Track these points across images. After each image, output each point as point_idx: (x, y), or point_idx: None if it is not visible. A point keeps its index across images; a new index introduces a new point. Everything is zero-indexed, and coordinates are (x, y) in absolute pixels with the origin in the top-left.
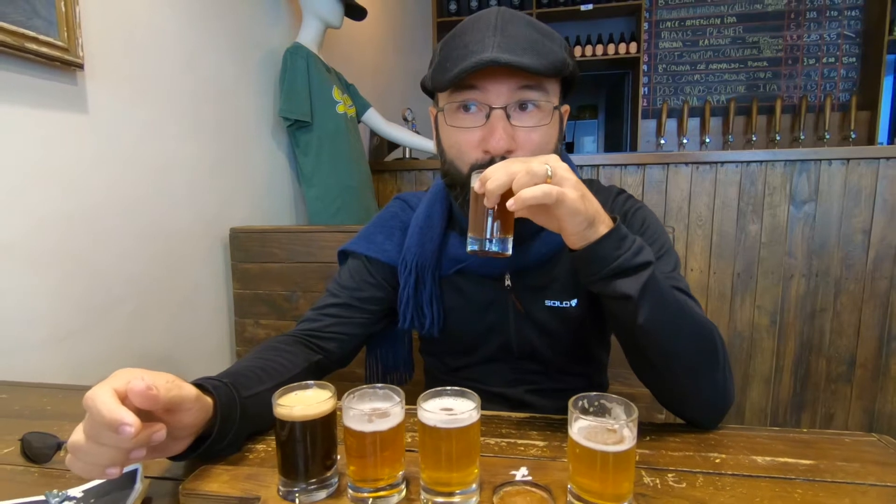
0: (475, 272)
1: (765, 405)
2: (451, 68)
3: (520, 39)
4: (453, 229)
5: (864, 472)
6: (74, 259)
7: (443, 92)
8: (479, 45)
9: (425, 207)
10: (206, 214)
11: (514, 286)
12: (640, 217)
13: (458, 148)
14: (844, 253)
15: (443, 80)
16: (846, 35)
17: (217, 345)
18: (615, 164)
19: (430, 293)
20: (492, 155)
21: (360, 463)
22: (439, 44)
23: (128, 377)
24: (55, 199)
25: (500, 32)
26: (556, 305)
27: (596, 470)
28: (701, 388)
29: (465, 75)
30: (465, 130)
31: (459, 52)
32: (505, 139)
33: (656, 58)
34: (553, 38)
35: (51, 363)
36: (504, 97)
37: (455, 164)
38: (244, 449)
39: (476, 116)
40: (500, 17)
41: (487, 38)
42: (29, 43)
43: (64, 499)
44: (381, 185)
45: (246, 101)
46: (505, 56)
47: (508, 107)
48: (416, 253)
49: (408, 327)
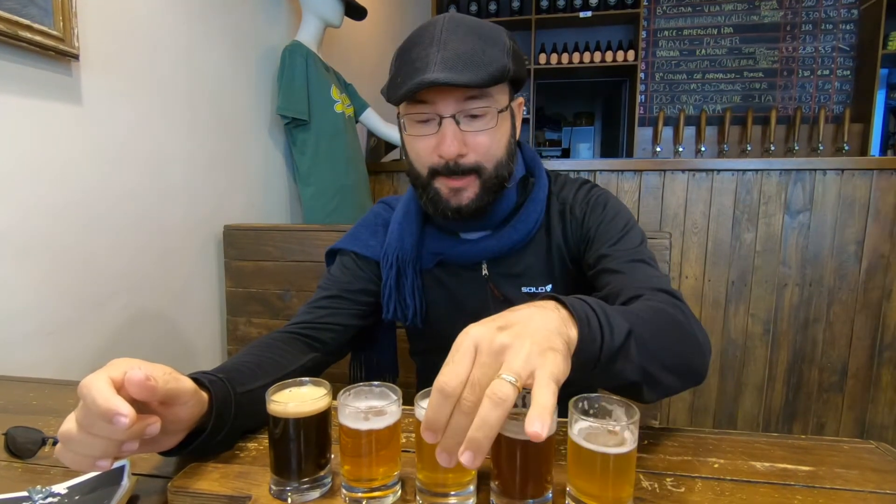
0: (454, 263)
1: (757, 413)
2: (401, 85)
3: (461, 52)
4: (430, 224)
5: (863, 479)
6: (64, 252)
7: (397, 105)
8: (423, 62)
9: (403, 205)
10: (200, 210)
11: (490, 274)
12: (602, 201)
13: (416, 153)
14: (838, 263)
15: (395, 96)
16: (841, 48)
17: (208, 343)
18: (612, 169)
19: (412, 284)
20: (445, 159)
21: (355, 462)
22: (393, 55)
23: (125, 367)
24: (46, 191)
25: (442, 47)
26: (532, 291)
27: (596, 472)
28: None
29: (411, 95)
30: (422, 138)
31: (407, 69)
32: (455, 144)
33: (653, 66)
34: (496, 43)
35: (38, 357)
36: (451, 107)
37: (415, 166)
38: (235, 447)
39: (429, 125)
40: (445, 28)
41: (431, 55)
42: (23, 31)
43: (48, 495)
44: (377, 185)
45: (243, 98)
46: (443, 75)
47: (457, 115)
48: (396, 247)
49: (391, 318)
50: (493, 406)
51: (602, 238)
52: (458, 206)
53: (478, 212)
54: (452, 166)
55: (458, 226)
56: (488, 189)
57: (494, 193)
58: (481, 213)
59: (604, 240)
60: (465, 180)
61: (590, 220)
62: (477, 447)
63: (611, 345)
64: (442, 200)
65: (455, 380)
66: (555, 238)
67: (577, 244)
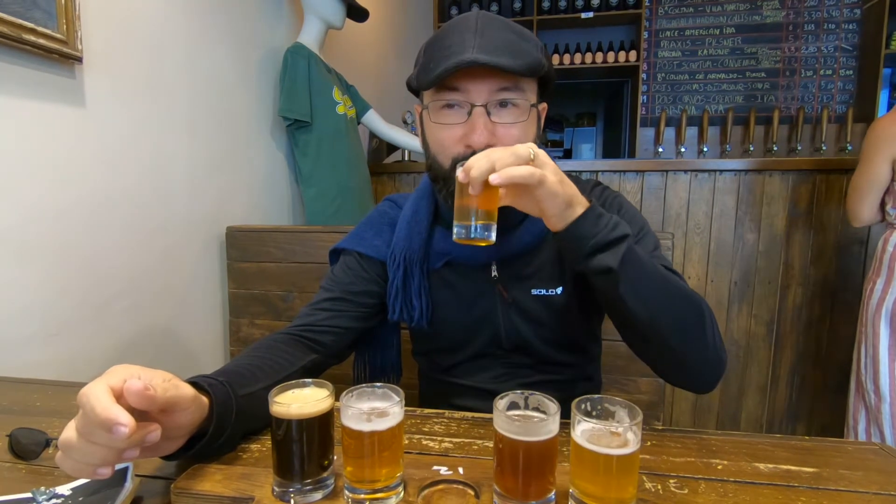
0: (462, 263)
1: (760, 415)
2: (435, 69)
3: (498, 41)
4: (439, 224)
5: (868, 480)
6: (68, 254)
7: (427, 91)
8: (460, 47)
9: (412, 204)
10: (202, 212)
11: (500, 276)
12: (616, 204)
13: (441, 143)
14: (841, 263)
15: (427, 79)
16: (843, 48)
17: (210, 344)
18: (615, 170)
19: (419, 285)
20: (473, 149)
21: (358, 463)
22: (423, 45)
23: (124, 375)
24: (49, 193)
25: (479, 35)
26: (541, 294)
27: (599, 473)
28: (690, 352)
29: (448, 75)
30: (449, 127)
31: (442, 54)
32: (486, 134)
33: (655, 66)
34: (529, 41)
35: (41, 358)
36: (484, 95)
37: (438, 158)
38: (238, 448)
39: (458, 114)
40: (480, 20)
41: (468, 40)
42: (27, 34)
43: (52, 497)
44: (379, 187)
45: (246, 100)
46: (483, 57)
47: (488, 104)
48: (403, 247)
49: (397, 318)
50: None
51: None
52: None
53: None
54: None
55: None
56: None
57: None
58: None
59: None
60: None
61: None
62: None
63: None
64: None
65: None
66: None
67: None
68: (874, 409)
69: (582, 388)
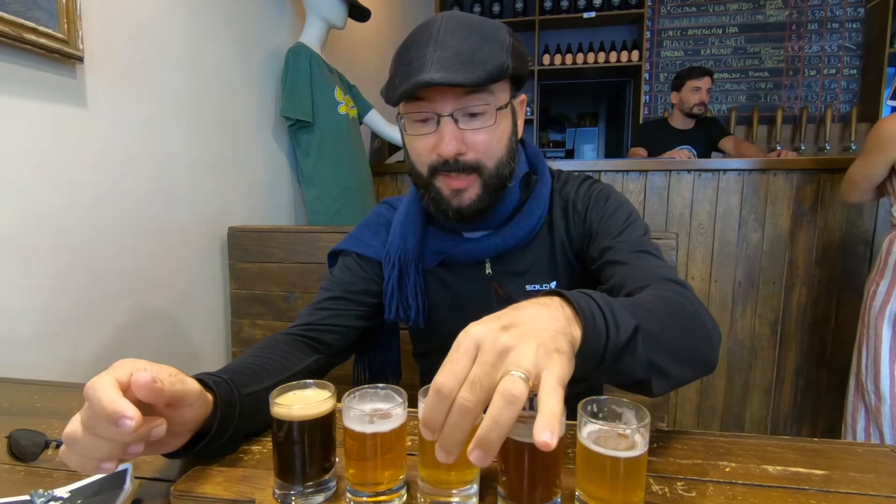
0: (457, 262)
1: (765, 416)
2: (399, 86)
3: (459, 52)
4: (433, 224)
5: (878, 483)
6: (69, 254)
7: (395, 105)
8: (419, 63)
9: (406, 205)
10: (204, 212)
11: (494, 273)
12: (603, 195)
13: (417, 153)
14: (846, 263)
15: (392, 96)
16: (847, 47)
17: (212, 345)
18: (617, 169)
19: (415, 284)
20: (444, 158)
21: (360, 466)
22: (393, 55)
23: (131, 368)
24: (50, 193)
25: (439, 47)
26: (536, 289)
27: (606, 476)
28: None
29: (408, 95)
30: (421, 137)
31: (404, 69)
32: (454, 143)
33: (658, 66)
34: (495, 40)
35: (42, 359)
36: (450, 106)
37: (415, 166)
38: (239, 450)
39: (429, 124)
40: (442, 27)
41: (427, 55)
42: (28, 34)
43: (50, 499)
44: (381, 187)
45: (247, 100)
46: (439, 75)
47: (455, 113)
48: (398, 247)
49: (393, 318)
50: (505, 405)
51: (605, 231)
52: (460, 206)
53: (479, 213)
54: (452, 164)
55: (460, 225)
56: (489, 189)
57: (496, 193)
58: (483, 214)
59: (607, 232)
60: (466, 179)
61: (592, 214)
62: (488, 446)
63: (616, 342)
64: (443, 201)
65: (452, 380)
66: (558, 235)
67: (580, 240)
68: (874, 410)
69: (582, 388)
